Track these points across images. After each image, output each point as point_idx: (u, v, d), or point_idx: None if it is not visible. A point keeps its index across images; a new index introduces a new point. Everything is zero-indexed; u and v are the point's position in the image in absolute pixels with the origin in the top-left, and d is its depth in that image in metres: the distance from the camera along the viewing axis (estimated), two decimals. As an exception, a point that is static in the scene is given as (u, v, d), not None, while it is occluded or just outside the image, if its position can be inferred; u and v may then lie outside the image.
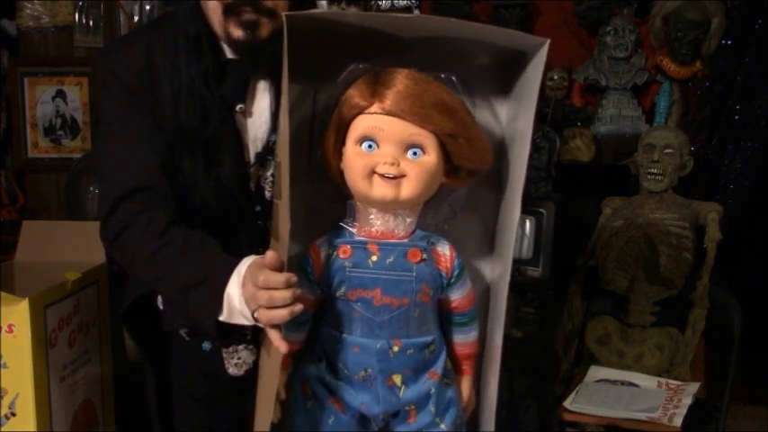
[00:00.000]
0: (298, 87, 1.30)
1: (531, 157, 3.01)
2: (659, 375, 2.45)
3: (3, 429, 1.88)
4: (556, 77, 3.11)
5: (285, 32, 1.16)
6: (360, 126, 1.17)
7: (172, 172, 1.44)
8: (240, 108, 1.46)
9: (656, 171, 2.59)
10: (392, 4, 3.34)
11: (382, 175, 1.15)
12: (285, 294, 1.13)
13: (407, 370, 1.21)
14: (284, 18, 1.15)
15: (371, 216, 1.20)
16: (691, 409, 2.25)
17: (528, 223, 2.61)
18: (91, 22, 3.41)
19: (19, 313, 1.85)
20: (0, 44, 3.45)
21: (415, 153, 1.16)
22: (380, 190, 1.16)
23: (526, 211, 2.62)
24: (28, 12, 3.43)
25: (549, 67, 3.15)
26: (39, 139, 3.46)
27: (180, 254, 1.34)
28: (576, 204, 2.80)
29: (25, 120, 3.45)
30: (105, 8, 3.41)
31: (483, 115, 1.34)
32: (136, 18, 3.39)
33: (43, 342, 1.92)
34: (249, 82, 1.46)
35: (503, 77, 1.33)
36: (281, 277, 1.14)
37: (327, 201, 1.29)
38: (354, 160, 1.17)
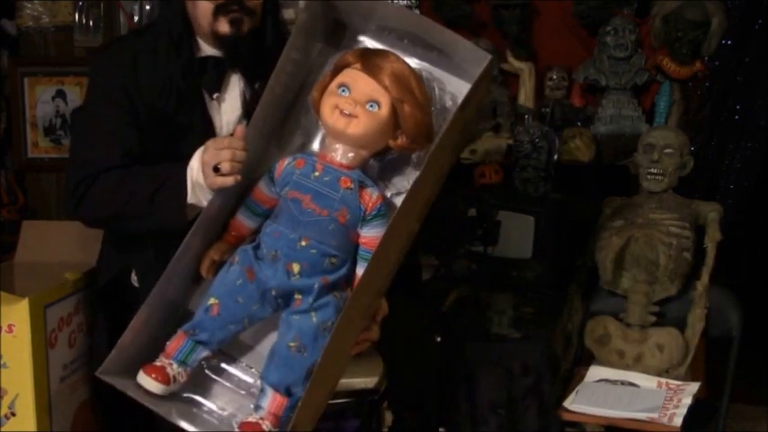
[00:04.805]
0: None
1: (530, 157, 3.04)
2: (659, 375, 2.45)
3: (3, 429, 1.88)
4: (556, 77, 3.12)
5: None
6: (342, 75, 1.49)
7: (143, 157, 1.66)
8: (216, 96, 1.73)
9: (656, 171, 2.59)
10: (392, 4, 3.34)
11: (341, 111, 1.46)
12: (243, 154, 1.45)
13: (306, 264, 1.47)
14: None
15: (327, 142, 1.52)
16: (690, 409, 2.26)
17: (528, 223, 2.62)
18: (91, 22, 3.41)
19: (19, 313, 1.85)
20: (0, 44, 3.45)
21: (371, 106, 1.47)
22: (335, 120, 1.46)
23: (526, 211, 2.63)
24: (28, 12, 3.42)
25: (548, 67, 3.16)
26: (39, 139, 3.45)
27: (140, 172, 1.62)
28: (575, 204, 2.81)
29: (25, 120, 3.45)
30: (105, 8, 3.40)
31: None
32: (136, 18, 3.38)
33: (43, 342, 1.92)
34: (225, 75, 1.73)
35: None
36: (242, 142, 1.47)
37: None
38: (329, 97, 1.49)
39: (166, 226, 1.59)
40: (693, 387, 2.37)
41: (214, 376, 1.58)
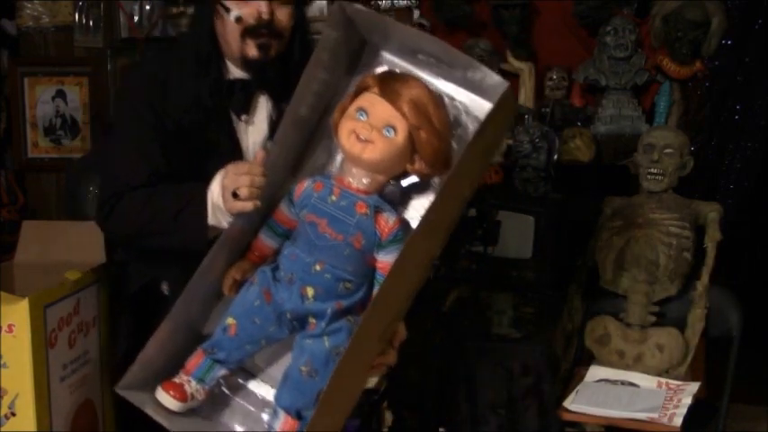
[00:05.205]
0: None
1: (530, 157, 3.03)
2: (659, 375, 2.45)
3: (3, 429, 1.88)
4: (556, 77, 3.11)
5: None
6: (361, 99, 1.48)
7: (170, 176, 1.67)
8: (244, 118, 1.74)
9: (656, 171, 2.59)
10: (392, 4, 3.34)
11: (358, 136, 1.44)
12: (262, 179, 1.47)
13: (320, 288, 1.48)
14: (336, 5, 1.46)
15: (344, 166, 1.52)
16: (690, 409, 2.26)
17: (528, 223, 2.61)
18: (91, 22, 3.42)
19: (19, 313, 1.85)
20: (0, 44, 3.46)
21: (388, 131, 1.45)
22: (351, 145, 1.45)
23: (526, 211, 2.63)
24: (28, 12, 3.43)
25: (548, 67, 3.16)
26: (39, 139, 3.46)
27: (165, 192, 1.65)
28: (575, 204, 2.80)
29: (25, 120, 3.45)
30: (105, 8, 3.41)
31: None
32: (136, 18, 3.39)
33: (43, 342, 1.92)
34: (253, 96, 1.74)
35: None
36: (261, 168, 1.49)
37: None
38: (347, 120, 1.48)
39: (188, 245, 1.60)
40: (693, 387, 2.37)
41: (231, 394, 1.60)
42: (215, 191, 1.55)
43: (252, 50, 1.68)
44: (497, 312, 2.62)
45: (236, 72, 1.75)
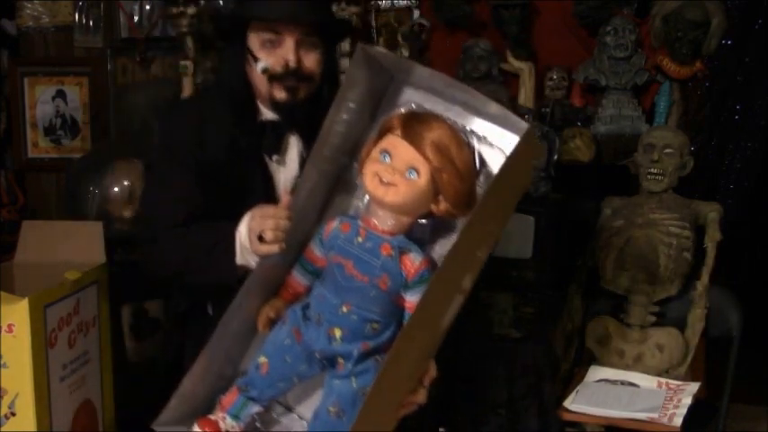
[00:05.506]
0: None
1: (530, 157, 2.99)
2: (659, 375, 2.45)
3: (3, 429, 1.88)
4: (556, 77, 3.11)
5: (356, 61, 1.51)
6: (384, 141, 1.49)
7: (205, 216, 1.72)
8: (276, 159, 1.79)
9: (656, 171, 2.59)
10: (392, 4, 3.34)
11: (381, 179, 1.45)
12: (287, 223, 1.50)
13: (347, 330, 1.49)
14: (359, 48, 1.49)
15: (370, 207, 1.52)
16: (690, 409, 2.26)
17: (528, 223, 2.61)
18: (91, 22, 3.42)
19: (19, 313, 1.85)
20: (0, 44, 3.46)
21: (410, 173, 1.46)
22: (375, 187, 1.46)
23: (526, 211, 2.63)
24: (28, 12, 3.43)
25: (548, 67, 3.16)
26: (39, 139, 3.46)
27: (197, 232, 1.69)
28: (575, 204, 2.80)
29: (25, 120, 3.45)
30: (105, 8, 3.41)
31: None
32: (136, 18, 3.39)
33: (43, 342, 1.92)
34: (284, 137, 1.79)
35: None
36: (287, 212, 1.52)
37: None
38: (371, 163, 1.49)
39: (220, 283, 1.65)
40: (693, 387, 2.37)
41: (265, 430, 1.63)
42: (242, 232, 1.59)
43: (280, 94, 1.73)
44: (497, 312, 2.62)
45: (267, 114, 1.80)
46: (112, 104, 3.44)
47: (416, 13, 3.31)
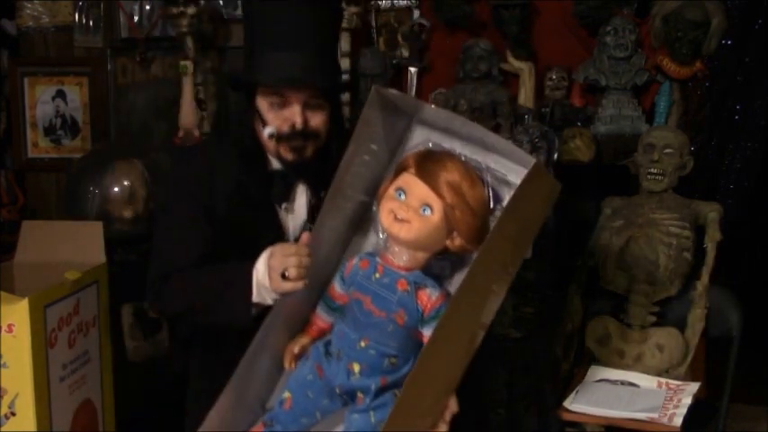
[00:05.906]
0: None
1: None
2: (659, 375, 2.45)
3: (3, 429, 1.88)
4: (555, 77, 3.11)
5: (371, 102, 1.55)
6: (400, 179, 1.53)
7: (217, 258, 1.74)
8: (285, 207, 1.83)
9: (656, 171, 2.59)
10: (392, 4, 3.34)
11: (396, 216, 1.49)
12: (308, 260, 1.54)
13: (365, 365, 1.52)
14: (373, 90, 1.54)
15: (387, 244, 1.56)
16: (690, 409, 2.26)
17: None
18: (91, 22, 3.42)
19: (19, 313, 1.85)
20: (0, 44, 3.46)
21: (424, 210, 1.49)
22: (390, 224, 1.50)
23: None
24: (28, 12, 3.43)
25: (548, 67, 3.16)
26: (39, 139, 3.46)
27: (210, 272, 1.71)
28: (575, 204, 2.80)
29: (25, 120, 3.45)
30: (105, 8, 3.41)
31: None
32: (136, 18, 3.39)
33: (43, 342, 1.92)
34: (292, 186, 1.82)
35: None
36: (307, 248, 1.56)
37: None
38: (387, 201, 1.53)
39: (234, 322, 1.67)
40: (693, 387, 2.37)
41: None
42: (260, 270, 1.61)
43: (287, 154, 1.76)
44: (497, 312, 2.61)
45: (276, 164, 1.83)
46: (112, 104, 3.44)
47: (416, 13, 3.31)
